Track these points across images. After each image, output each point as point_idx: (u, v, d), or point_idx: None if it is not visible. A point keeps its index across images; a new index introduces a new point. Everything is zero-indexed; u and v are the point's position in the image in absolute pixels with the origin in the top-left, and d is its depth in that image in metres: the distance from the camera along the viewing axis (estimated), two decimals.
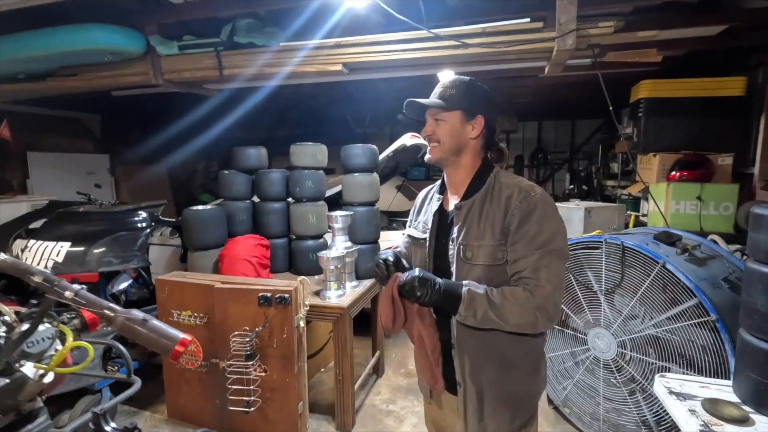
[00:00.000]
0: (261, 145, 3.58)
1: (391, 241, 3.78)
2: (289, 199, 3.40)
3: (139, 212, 3.01)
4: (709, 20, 2.64)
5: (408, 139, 3.98)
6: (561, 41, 2.26)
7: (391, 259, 1.29)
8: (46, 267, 2.51)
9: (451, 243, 1.28)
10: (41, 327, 1.01)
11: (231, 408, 2.42)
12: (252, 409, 2.39)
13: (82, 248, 2.60)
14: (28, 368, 0.97)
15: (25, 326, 0.94)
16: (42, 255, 2.55)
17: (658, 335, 2.02)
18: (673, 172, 3.41)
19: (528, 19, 2.42)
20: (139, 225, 2.89)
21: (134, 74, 3.01)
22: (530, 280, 1.13)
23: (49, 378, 1.01)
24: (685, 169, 3.38)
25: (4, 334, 0.96)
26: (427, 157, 1.31)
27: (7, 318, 0.99)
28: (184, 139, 5.90)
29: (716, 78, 3.42)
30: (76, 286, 0.94)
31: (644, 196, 3.88)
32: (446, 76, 1.38)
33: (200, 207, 3.14)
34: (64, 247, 2.56)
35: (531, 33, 2.37)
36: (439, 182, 1.43)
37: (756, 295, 1.35)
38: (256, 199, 3.50)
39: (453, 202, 1.33)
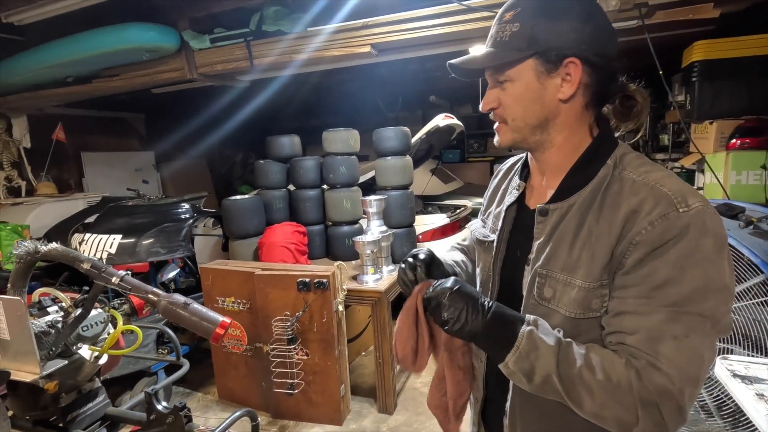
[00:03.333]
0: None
1: (426, 225, 3.72)
2: (324, 186, 3.43)
3: (182, 204, 3.14)
4: None
5: (441, 120, 3.88)
6: (604, 3, 2.10)
7: (421, 257, 0.89)
8: (101, 258, 2.67)
9: (527, 265, 0.82)
10: (94, 312, 1.06)
11: (276, 390, 2.50)
12: (296, 391, 2.46)
13: (132, 240, 2.75)
14: (84, 351, 1.03)
15: (79, 311, 0.99)
16: (97, 247, 2.72)
17: None
18: (733, 140, 3.12)
19: None
20: (182, 216, 3.01)
21: (171, 70, 3.11)
22: (640, 353, 0.66)
23: (104, 360, 1.06)
24: (747, 135, 3.09)
25: (61, 319, 1.02)
26: (495, 140, 0.83)
27: (63, 304, 1.06)
28: (221, 132, 6.11)
29: None
30: (121, 272, 0.97)
31: (699, 167, 3.60)
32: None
33: (238, 197, 3.24)
34: (116, 239, 2.72)
35: None
36: (521, 158, 0.95)
37: None
38: (291, 187, 3.55)
39: (540, 195, 0.85)
